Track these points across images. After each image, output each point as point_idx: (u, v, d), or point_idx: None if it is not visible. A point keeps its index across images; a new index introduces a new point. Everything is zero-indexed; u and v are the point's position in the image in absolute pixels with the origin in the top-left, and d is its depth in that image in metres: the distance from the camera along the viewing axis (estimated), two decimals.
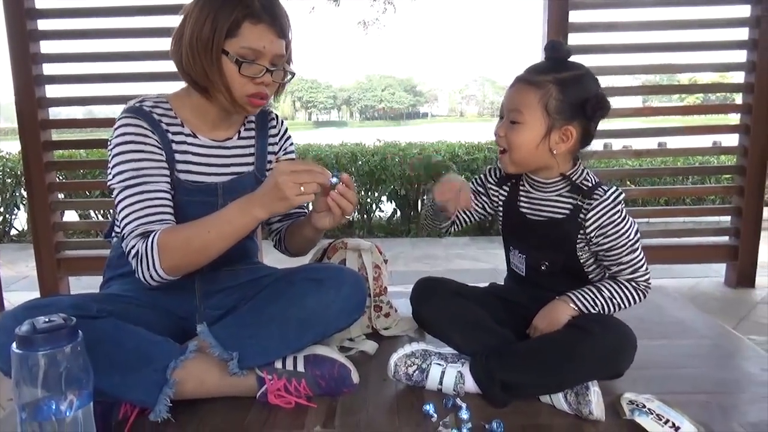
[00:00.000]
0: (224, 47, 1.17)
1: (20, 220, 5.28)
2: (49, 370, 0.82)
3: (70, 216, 4.76)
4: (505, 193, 1.39)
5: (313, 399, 1.25)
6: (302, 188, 1.10)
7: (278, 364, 1.24)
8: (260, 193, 1.14)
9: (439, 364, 1.28)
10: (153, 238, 1.15)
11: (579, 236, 1.27)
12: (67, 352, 0.83)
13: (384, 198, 5.24)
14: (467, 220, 1.47)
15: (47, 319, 0.85)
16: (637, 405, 1.16)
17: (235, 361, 1.19)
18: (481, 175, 1.45)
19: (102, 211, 5.00)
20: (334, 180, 1.15)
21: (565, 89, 1.20)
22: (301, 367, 1.24)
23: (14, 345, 0.82)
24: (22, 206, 5.12)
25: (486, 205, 1.44)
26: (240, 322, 1.25)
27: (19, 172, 4.87)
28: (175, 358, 1.16)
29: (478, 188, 1.44)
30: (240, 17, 1.16)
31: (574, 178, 1.28)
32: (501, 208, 1.41)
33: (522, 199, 1.35)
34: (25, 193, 4.47)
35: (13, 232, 5.28)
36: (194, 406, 1.21)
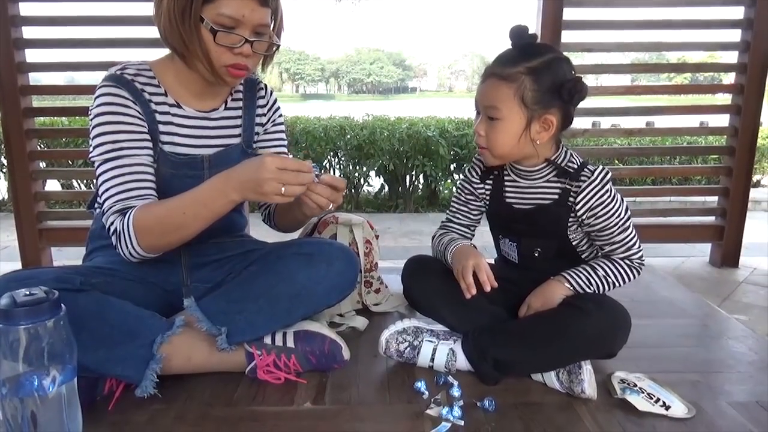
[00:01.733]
0: (202, 14, 1.10)
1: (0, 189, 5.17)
2: (31, 345, 0.79)
3: (52, 185, 4.67)
4: (490, 186, 1.36)
5: (303, 375, 1.23)
6: (283, 189, 1.05)
7: (267, 340, 1.22)
8: (239, 178, 1.08)
9: (431, 341, 1.27)
10: (129, 217, 1.11)
11: (570, 219, 1.25)
12: (49, 326, 0.81)
13: (372, 173, 5.20)
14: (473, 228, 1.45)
15: (28, 292, 0.83)
16: (628, 384, 1.17)
17: (223, 336, 1.17)
18: (465, 182, 1.41)
19: (85, 181, 4.90)
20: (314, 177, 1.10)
21: (538, 78, 1.16)
22: (290, 343, 1.22)
23: None
24: (2, 174, 5.00)
25: (479, 207, 1.41)
26: (228, 296, 1.22)
27: None
28: (161, 332, 1.13)
29: (468, 197, 1.41)
30: None
31: (559, 162, 1.25)
32: (487, 201, 1.38)
33: (508, 189, 1.32)
34: (5, 161, 4.36)
35: None
36: (181, 381, 1.19)
